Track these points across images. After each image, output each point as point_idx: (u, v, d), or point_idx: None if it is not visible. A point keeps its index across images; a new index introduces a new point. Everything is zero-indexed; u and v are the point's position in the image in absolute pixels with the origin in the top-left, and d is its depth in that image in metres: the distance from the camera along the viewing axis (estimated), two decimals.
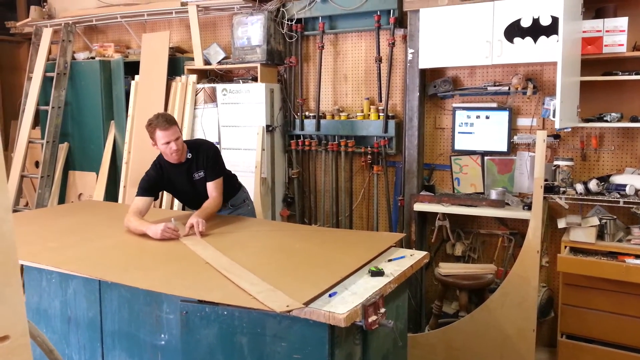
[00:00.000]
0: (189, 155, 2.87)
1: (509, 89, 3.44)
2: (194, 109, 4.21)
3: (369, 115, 3.88)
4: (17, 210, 4.53)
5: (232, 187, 3.14)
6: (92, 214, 3.24)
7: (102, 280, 2.26)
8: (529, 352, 2.92)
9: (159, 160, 2.88)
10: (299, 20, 4.05)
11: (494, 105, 3.52)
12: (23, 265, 2.63)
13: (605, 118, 3.08)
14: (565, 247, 3.03)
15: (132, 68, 4.50)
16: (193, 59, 4.35)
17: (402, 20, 3.72)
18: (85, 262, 2.26)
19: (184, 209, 3.92)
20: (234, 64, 4.15)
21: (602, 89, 3.21)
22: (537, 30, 3.07)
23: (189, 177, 2.89)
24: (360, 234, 3.11)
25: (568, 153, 3.37)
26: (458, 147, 3.64)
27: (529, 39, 3.09)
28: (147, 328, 2.19)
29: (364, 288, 1.91)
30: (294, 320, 1.75)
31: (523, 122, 3.49)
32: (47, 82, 4.68)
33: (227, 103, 4.10)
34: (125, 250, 2.43)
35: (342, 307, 1.72)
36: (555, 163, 3.24)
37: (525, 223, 3.05)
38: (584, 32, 3.03)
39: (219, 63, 4.24)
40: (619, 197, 2.94)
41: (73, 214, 3.26)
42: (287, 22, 4.04)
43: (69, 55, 4.65)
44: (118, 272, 2.15)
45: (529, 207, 3.06)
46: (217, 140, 4.14)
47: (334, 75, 4.09)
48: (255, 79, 4.07)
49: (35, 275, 2.53)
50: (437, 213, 3.50)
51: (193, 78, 4.23)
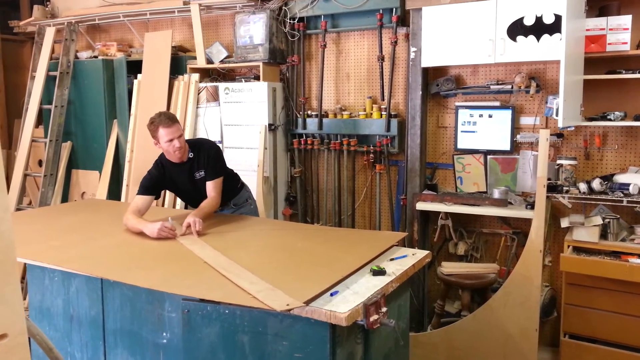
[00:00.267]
0: (191, 155, 2.87)
1: (512, 88, 3.43)
2: (197, 108, 4.21)
3: (372, 114, 3.87)
4: (20, 209, 4.55)
5: (234, 186, 3.14)
6: (94, 213, 3.25)
7: (104, 279, 2.26)
8: (532, 351, 2.92)
9: (161, 160, 2.89)
10: (301, 19, 4.05)
11: (497, 104, 3.51)
12: (26, 264, 2.65)
13: (609, 117, 3.07)
14: (568, 246, 3.02)
15: (134, 67, 4.51)
16: (195, 58, 4.35)
17: (404, 19, 3.71)
18: (88, 260, 2.26)
19: (187, 208, 3.93)
20: (237, 63, 4.16)
21: (605, 88, 3.20)
22: (540, 29, 3.06)
23: (191, 176, 2.89)
24: (363, 233, 3.11)
25: (571, 152, 3.36)
26: (461, 146, 3.63)
27: (532, 37, 3.08)
28: (149, 326, 2.19)
29: (366, 287, 1.91)
30: (296, 319, 1.75)
31: (526, 120, 3.48)
32: (50, 81, 4.69)
33: (229, 102, 4.10)
34: (128, 249, 2.44)
35: (343, 306, 1.72)
36: (559, 162, 3.23)
37: (528, 222, 3.04)
38: (588, 30, 3.02)
39: (222, 62, 4.25)
40: (623, 196, 2.93)
41: (76, 213, 3.27)
42: (289, 20, 4.03)
43: (72, 54, 4.66)
44: (120, 270, 2.15)
45: (532, 206, 3.06)
46: (219, 139, 4.14)
47: (337, 74, 4.09)
48: (258, 78, 4.07)
49: (38, 274, 2.54)
50: (439, 212, 3.49)
51: (195, 77, 4.23)
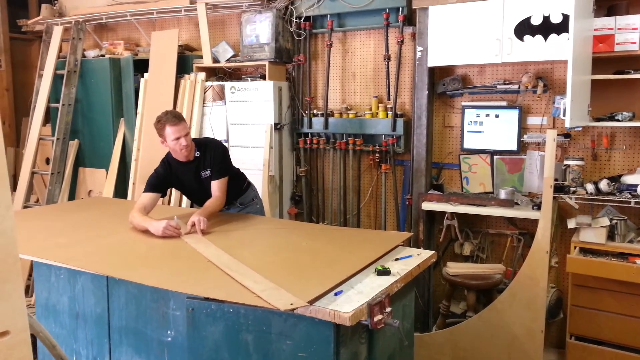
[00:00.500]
0: (197, 154, 2.88)
1: (519, 88, 3.41)
2: (203, 107, 4.22)
3: (377, 114, 3.86)
4: (27, 207, 4.58)
5: (240, 185, 3.15)
6: (101, 211, 3.26)
7: (109, 277, 2.27)
8: (537, 353, 2.90)
9: (168, 158, 2.90)
10: (308, 18, 4.04)
11: (504, 104, 3.49)
12: (33, 261, 2.66)
13: (617, 117, 3.04)
14: (575, 247, 3.00)
15: (141, 66, 4.52)
16: (202, 57, 4.36)
17: (411, 18, 3.70)
18: (94, 258, 2.27)
19: (192, 206, 3.94)
20: (243, 62, 4.16)
21: (613, 88, 3.17)
22: (547, 28, 3.04)
23: (197, 175, 2.90)
24: (368, 233, 3.10)
25: (579, 152, 3.33)
26: (467, 145, 3.61)
27: (540, 37, 3.06)
28: (153, 324, 2.20)
29: (370, 287, 1.90)
30: (300, 319, 1.75)
31: (533, 121, 3.46)
32: (57, 79, 4.71)
33: (235, 101, 4.10)
34: (133, 247, 2.45)
35: (347, 305, 1.72)
36: (566, 162, 3.21)
37: (535, 223, 3.03)
38: (596, 29, 3.00)
39: (228, 61, 4.25)
40: (630, 197, 2.91)
41: (82, 211, 3.29)
42: (295, 20, 4.03)
43: (79, 53, 4.68)
44: (125, 268, 2.16)
45: (539, 207, 3.04)
46: (225, 138, 4.14)
47: (342, 73, 4.08)
48: (264, 77, 4.07)
49: (45, 271, 2.55)
50: (445, 212, 3.48)
51: (202, 76, 4.24)
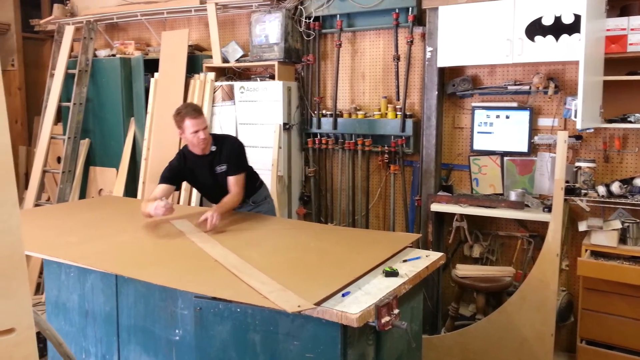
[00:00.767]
0: (213, 148, 2.90)
1: (530, 89, 3.38)
2: (212, 107, 4.23)
3: (387, 114, 3.85)
4: (39, 205, 4.62)
5: (253, 183, 3.16)
6: (111, 210, 3.28)
7: (119, 275, 2.28)
8: (547, 357, 2.87)
9: (184, 151, 2.94)
10: (317, 18, 4.04)
11: (515, 105, 3.46)
12: (43, 259, 2.68)
13: (629, 119, 3.00)
14: (586, 250, 2.97)
15: (151, 65, 4.55)
16: (211, 57, 4.37)
17: (420, 18, 3.68)
18: (103, 257, 2.28)
19: (202, 204, 3.95)
20: (252, 62, 4.17)
21: (626, 89, 3.13)
22: (559, 29, 3.01)
23: (212, 170, 2.91)
24: (376, 234, 3.09)
25: (590, 154, 3.30)
26: (477, 147, 3.59)
27: (551, 38, 3.03)
28: (162, 323, 2.21)
29: (378, 288, 1.89)
30: (307, 319, 1.74)
31: (544, 122, 3.42)
32: (69, 79, 4.75)
33: (244, 101, 4.11)
34: (142, 246, 2.46)
35: (355, 307, 1.71)
36: (577, 164, 3.18)
37: (545, 225, 3.00)
38: (608, 30, 2.96)
39: (237, 61, 4.26)
40: None
41: (93, 209, 3.31)
42: (304, 20, 4.03)
43: (91, 53, 4.72)
44: (135, 267, 2.17)
45: (549, 209, 3.01)
46: None
47: (352, 74, 4.07)
48: (273, 77, 4.08)
49: (55, 269, 2.57)
50: (454, 214, 3.45)
51: (211, 76, 4.26)
